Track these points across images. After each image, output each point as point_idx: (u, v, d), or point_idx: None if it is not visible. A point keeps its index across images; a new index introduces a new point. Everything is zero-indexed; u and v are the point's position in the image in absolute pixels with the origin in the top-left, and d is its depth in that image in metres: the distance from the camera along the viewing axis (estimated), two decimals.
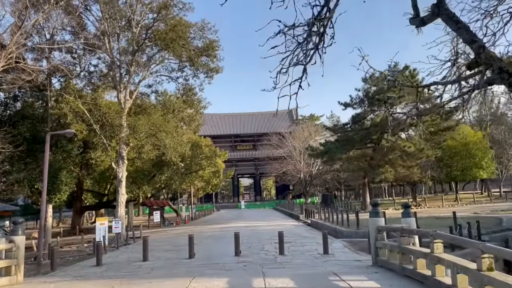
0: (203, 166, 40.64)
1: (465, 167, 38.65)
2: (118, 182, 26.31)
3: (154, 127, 26.87)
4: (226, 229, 27.03)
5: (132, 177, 36.27)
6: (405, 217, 10.84)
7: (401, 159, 32.28)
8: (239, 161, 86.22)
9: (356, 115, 35.22)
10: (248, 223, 31.89)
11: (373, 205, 10.57)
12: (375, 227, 10.11)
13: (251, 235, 21.42)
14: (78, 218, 39.91)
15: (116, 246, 20.24)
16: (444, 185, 74.11)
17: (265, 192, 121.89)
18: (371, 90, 33.46)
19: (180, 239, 21.57)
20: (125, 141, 26.01)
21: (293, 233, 21.52)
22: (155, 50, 27.33)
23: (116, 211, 26.18)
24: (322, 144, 37.88)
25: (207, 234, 23.73)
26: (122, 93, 26.80)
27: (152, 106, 29.38)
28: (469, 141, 38.54)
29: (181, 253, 15.18)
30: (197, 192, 56.53)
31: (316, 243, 16.52)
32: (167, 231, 30.19)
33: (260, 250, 15.09)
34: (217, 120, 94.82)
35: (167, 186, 45.00)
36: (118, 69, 27.14)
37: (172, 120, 28.94)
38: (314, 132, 77.61)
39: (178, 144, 28.61)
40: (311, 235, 20.17)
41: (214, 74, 29.16)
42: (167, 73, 29.42)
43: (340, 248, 15.20)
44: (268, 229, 25.44)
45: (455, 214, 16.51)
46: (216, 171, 45.83)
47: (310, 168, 69.46)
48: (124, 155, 26.28)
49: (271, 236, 20.32)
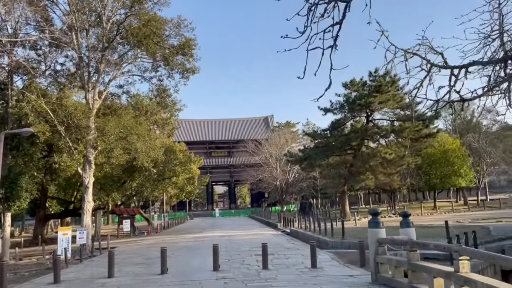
0: (177, 173, 38.79)
1: (444, 175, 38.43)
2: (85, 189, 24.34)
3: (124, 129, 25.05)
4: (201, 239, 25.43)
5: (100, 184, 34.11)
6: (404, 227, 9.70)
7: (381, 166, 31.58)
8: (213, 168, 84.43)
9: (336, 121, 34.39)
10: (224, 232, 30.35)
11: (372, 214, 9.37)
12: (375, 239, 8.91)
13: (229, 245, 19.95)
14: (41, 227, 37.26)
15: (80, 258, 18.35)
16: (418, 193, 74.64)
17: (239, 200, 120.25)
18: (352, 95, 32.71)
19: (151, 250, 19.86)
20: (93, 144, 24.11)
21: (273, 244, 20.16)
22: (127, 48, 25.65)
23: (82, 220, 24.15)
24: (301, 150, 36.84)
25: (181, 245, 22.07)
26: (90, 93, 24.93)
27: (123, 107, 27.54)
28: (447, 148, 38.39)
29: (152, 267, 13.57)
30: (170, 200, 54.45)
31: (301, 255, 15.23)
32: (137, 241, 28.27)
33: (241, 264, 13.66)
34: (192, 126, 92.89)
35: (139, 193, 42.90)
36: (86, 67, 25.27)
37: (145, 123, 27.19)
38: (290, 139, 76.95)
39: (151, 149, 26.86)
40: (294, 246, 18.87)
41: (190, 74, 27.64)
42: (140, 73, 27.70)
43: (328, 260, 13.95)
44: (246, 239, 24.01)
45: (448, 223, 15.57)
46: (191, 178, 44.05)
47: (287, 176, 68.51)
48: (91, 160, 24.35)
49: (250, 246, 18.94)
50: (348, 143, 32.82)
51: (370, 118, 33.48)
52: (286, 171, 68.49)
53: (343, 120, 33.89)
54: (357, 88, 32.61)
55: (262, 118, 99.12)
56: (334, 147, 32.18)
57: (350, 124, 35.38)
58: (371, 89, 31.40)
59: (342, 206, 36.02)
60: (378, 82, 30.58)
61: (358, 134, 32.46)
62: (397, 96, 31.43)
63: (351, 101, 31.76)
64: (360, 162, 31.39)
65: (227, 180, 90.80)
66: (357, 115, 32.59)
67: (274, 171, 68.81)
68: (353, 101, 31.51)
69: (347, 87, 33.87)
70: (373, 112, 33.15)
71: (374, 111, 32.40)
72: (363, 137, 33.00)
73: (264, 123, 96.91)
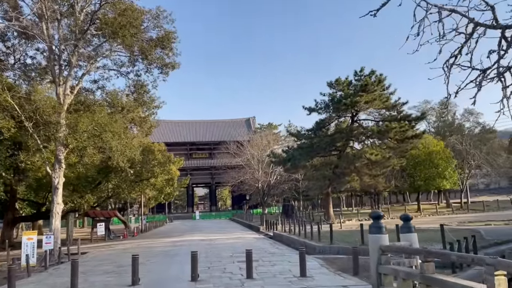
0: (155, 174, 37.13)
1: (428, 177, 37.93)
2: (54, 190, 22.64)
3: (98, 126, 23.45)
4: (180, 243, 24.02)
5: (73, 185, 32.26)
6: (405, 232, 8.68)
7: (367, 168, 30.76)
8: (194, 170, 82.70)
9: (321, 121, 33.45)
10: (205, 236, 28.98)
11: (374, 217, 8.26)
12: (378, 247, 7.80)
13: (209, 251, 18.64)
14: (9, 231, 34.96)
15: (45, 266, 16.73)
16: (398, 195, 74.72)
17: (220, 202, 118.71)
18: (337, 94, 31.83)
19: (125, 256, 18.36)
20: (63, 142, 22.43)
21: (257, 248, 18.93)
22: (102, 41, 24.06)
23: (50, 223, 22.50)
24: (284, 151, 35.76)
25: (158, 250, 20.62)
26: (61, 87, 23.25)
27: (97, 103, 25.91)
28: (432, 150, 37.92)
29: (123, 277, 12.17)
30: (148, 202, 52.63)
31: (288, 262, 14.06)
32: (111, 245, 26.63)
33: (222, 272, 12.39)
34: (172, 127, 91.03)
35: (115, 195, 41.05)
36: (57, 60, 23.62)
37: (121, 121, 25.61)
38: (273, 141, 76.09)
39: (127, 147, 25.28)
40: (279, 251, 17.69)
41: (169, 70, 26.22)
42: (116, 68, 26.09)
43: (317, 268, 12.82)
44: (228, 243, 22.72)
45: (443, 226, 14.67)
46: (170, 179, 42.39)
47: (268, 178, 67.48)
48: (61, 158, 22.67)
49: (232, 252, 17.68)
50: (332, 143, 31.92)
51: (356, 118, 32.67)
52: (268, 173, 67.51)
53: (328, 120, 32.97)
54: (343, 88, 31.77)
55: (244, 120, 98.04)
56: (319, 148, 31.20)
57: (334, 124, 34.55)
58: (357, 89, 30.59)
59: (326, 208, 35.08)
60: (364, 81, 29.79)
61: (343, 134, 31.60)
62: (383, 96, 30.72)
63: (336, 100, 30.87)
64: (345, 163, 30.50)
65: (208, 182, 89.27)
66: (342, 115, 31.72)
67: (256, 173, 67.72)
68: (338, 100, 30.62)
69: (332, 86, 33.03)
70: (358, 112, 32.35)
71: (360, 111, 31.58)
72: (348, 138, 32.15)
73: (246, 124, 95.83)
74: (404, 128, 28.90)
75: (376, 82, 29.81)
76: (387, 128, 28.78)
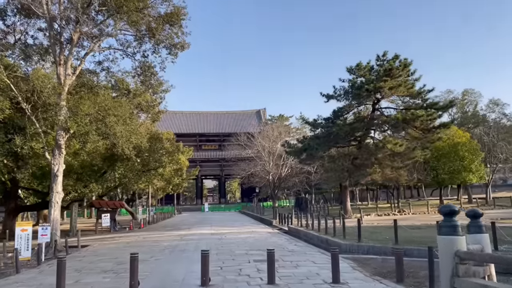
0: (163, 163, 35.37)
1: (453, 170, 35.55)
2: (53, 177, 20.94)
3: (102, 110, 21.70)
4: (189, 238, 22.25)
5: (77, 173, 30.70)
6: (475, 232, 6.71)
7: (389, 159, 28.60)
8: (203, 162, 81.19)
9: (339, 109, 31.33)
10: (215, 229, 27.20)
11: (445, 213, 6.24)
12: (452, 252, 5.83)
13: (220, 247, 16.80)
14: (11, 220, 33.59)
15: (38, 261, 15.04)
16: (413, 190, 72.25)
17: (229, 194, 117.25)
18: (358, 80, 29.64)
19: (127, 251, 16.54)
20: (64, 126, 20.68)
21: (273, 245, 17.03)
22: (105, 16, 22.18)
23: (49, 213, 20.81)
24: (300, 140, 33.71)
25: (164, 245, 18.84)
26: (62, 66, 21.49)
27: (101, 86, 24.12)
28: (457, 142, 35.49)
29: (121, 278, 10.38)
30: (156, 193, 51.01)
31: (312, 263, 12.16)
32: (115, 238, 24.96)
33: (238, 275, 10.51)
34: (181, 118, 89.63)
35: (122, 184, 39.43)
36: (58, 37, 21.84)
37: (126, 105, 23.84)
38: (284, 132, 74.19)
39: (132, 133, 23.51)
40: (299, 249, 15.75)
41: (179, 51, 24.24)
42: (122, 48, 24.24)
43: (349, 271, 10.87)
44: (240, 238, 20.88)
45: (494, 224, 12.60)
46: (179, 169, 40.68)
47: (280, 170, 65.60)
48: (61, 144, 20.94)
49: (246, 248, 15.82)
50: (352, 133, 29.82)
51: (376, 106, 30.47)
52: (279, 165, 65.67)
53: (346, 108, 30.82)
54: (364, 73, 29.59)
55: (254, 111, 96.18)
56: (337, 137, 29.09)
57: (353, 113, 32.41)
58: (380, 74, 28.38)
59: (343, 202, 33.05)
60: (388, 65, 27.55)
61: (363, 123, 29.48)
62: (408, 82, 28.48)
63: (357, 86, 28.68)
64: (365, 154, 28.36)
65: (217, 174, 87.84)
66: (363, 102, 29.51)
67: (267, 165, 65.90)
68: (359, 86, 28.44)
69: (352, 72, 30.87)
70: (380, 100, 30.17)
71: (382, 98, 29.36)
72: (368, 127, 30.02)
73: (256, 116, 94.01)
74: (431, 117, 26.62)
75: (402, 67, 27.57)
76: (413, 116, 26.53)
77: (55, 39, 21.81)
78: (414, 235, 16.41)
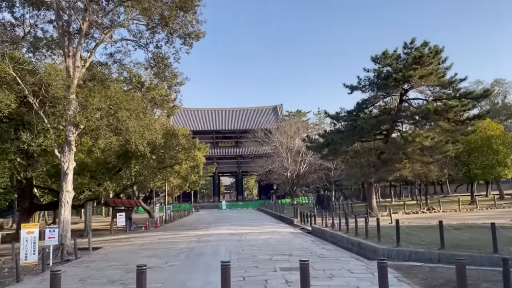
0: (179, 160, 34.18)
1: (486, 165, 33.26)
2: (63, 176, 19.87)
3: (113, 104, 20.47)
4: (206, 239, 20.86)
5: (90, 171, 29.70)
6: None
7: (418, 154, 26.64)
8: (220, 159, 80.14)
9: (363, 101, 29.48)
10: (234, 229, 25.77)
11: None
12: None
13: (240, 250, 15.32)
14: (25, 220, 32.83)
15: (42, 267, 13.77)
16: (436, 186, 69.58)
17: (246, 191, 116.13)
18: (384, 70, 27.74)
19: (140, 255, 15.30)
20: (73, 121, 19.52)
21: (298, 248, 15.51)
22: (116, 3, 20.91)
23: (59, 213, 19.76)
24: (321, 135, 31.98)
25: (180, 247, 17.46)
26: (71, 58, 20.34)
27: (112, 78, 22.89)
28: (490, 134, 33.19)
29: None
30: (173, 191, 49.94)
31: (348, 272, 10.54)
32: (130, 239, 23.76)
33: None
34: (197, 115, 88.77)
35: (137, 182, 38.38)
36: (67, 28, 20.69)
37: (138, 98, 22.59)
38: (302, 128, 72.60)
39: (146, 128, 22.25)
40: (329, 253, 14.13)
41: (193, 41, 22.89)
42: (134, 38, 22.97)
43: (395, 283, 9.20)
44: (261, 239, 19.37)
45: None
46: (195, 166, 39.44)
47: (298, 166, 63.97)
48: (71, 140, 19.81)
49: (270, 253, 14.27)
50: (378, 126, 27.98)
51: (404, 97, 28.52)
52: (298, 161, 64.07)
53: (372, 100, 28.92)
54: (390, 62, 27.67)
55: (271, 108, 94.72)
56: (363, 131, 27.29)
57: (378, 105, 30.52)
58: (408, 62, 26.45)
59: (368, 199, 31.24)
60: (417, 52, 25.59)
61: (390, 115, 27.60)
62: (439, 70, 26.47)
63: (383, 76, 26.80)
64: (393, 149, 26.48)
65: (234, 171, 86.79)
66: (390, 92, 27.58)
67: (285, 161, 64.36)
68: (386, 76, 26.54)
69: (377, 61, 28.98)
70: (408, 90, 28.22)
71: (411, 89, 27.36)
72: (395, 120, 28.12)
73: (273, 112, 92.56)
74: (466, 107, 24.58)
75: (432, 54, 25.58)
76: (446, 107, 24.55)
77: (64, 29, 20.67)
78: (458, 237, 14.62)
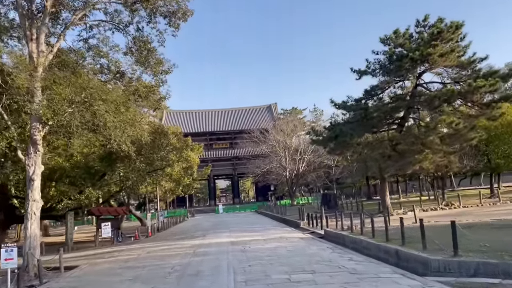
0: (170, 162, 30.86)
1: (509, 154, 30.29)
2: (28, 182, 16.52)
3: (87, 95, 17.18)
4: (204, 250, 17.63)
5: (69, 177, 26.36)
6: None
7: (438, 143, 23.59)
8: (215, 161, 76.85)
9: (372, 88, 26.47)
10: (234, 236, 22.56)
11: None
12: None
13: (247, 266, 12.09)
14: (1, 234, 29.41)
15: None
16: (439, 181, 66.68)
17: (243, 194, 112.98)
18: (396, 51, 24.74)
19: (122, 277, 12.03)
20: (39, 116, 16.23)
21: (319, 261, 12.31)
22: None
23: (25, 227, 16.40)
24: (327, 127, 28.91)
25: (172, 263, 14.20)
26: (34, 42, 17.06)
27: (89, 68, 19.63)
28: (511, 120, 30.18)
29: None
30: (165, 195, 46.58)
31: None
32: (114, 253, 20.46)
33: None
34: (189, 117, 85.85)
35: (126, 188, 34.98)
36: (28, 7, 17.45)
37: (117, 89, 19.37)
38: (299, 125, 69.98)
39: (128, 124, 18.96)
40: (361, 267, 10.92)
41: (179, 21, 19.69)
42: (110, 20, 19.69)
43: None
44: (268, 249, 16.17)
45: None
46: (188, 168, 36.11)
47: (297, 165, 60.97)
48: (37, 139, 16.50)
49: (285, 269, 11.06)
50: (392, 114, 24.99)
51: (419, 80, 25.54)
52: (296, 160, 61.14)
53: (383, 85, 25.89)
54: (403, 41, 24.68)
55: (265, 107, 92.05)
56: (375, 120, 24.27)
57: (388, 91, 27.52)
58: (424, 40, 23.48)
59: (381, 196, 28.19)
60: (435, 28, 22.62)
61: (406, 101, 24.60)
62: (460, 48, 23.54)
63: (397, 57, 23.77)
64: (411, 138, 23.44)
65: (230, 173, 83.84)
66: (405, 75, 24.53)
67: (283, 160, 61.40)
68: (400, 57, 23.50)
69: (386, 42, 26.02)
70: (423, 73, 25.26)
71: (431, 69, 24.33)
72: (411, 106, 25.14)
73: (268, 111, 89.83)
74: (494, 87, 21.57)
75: (452, 29, 22.61)
76: (470, 88, 21.57)
77: (24, 9, 17.42)
78: (506, 239, 11.57)
